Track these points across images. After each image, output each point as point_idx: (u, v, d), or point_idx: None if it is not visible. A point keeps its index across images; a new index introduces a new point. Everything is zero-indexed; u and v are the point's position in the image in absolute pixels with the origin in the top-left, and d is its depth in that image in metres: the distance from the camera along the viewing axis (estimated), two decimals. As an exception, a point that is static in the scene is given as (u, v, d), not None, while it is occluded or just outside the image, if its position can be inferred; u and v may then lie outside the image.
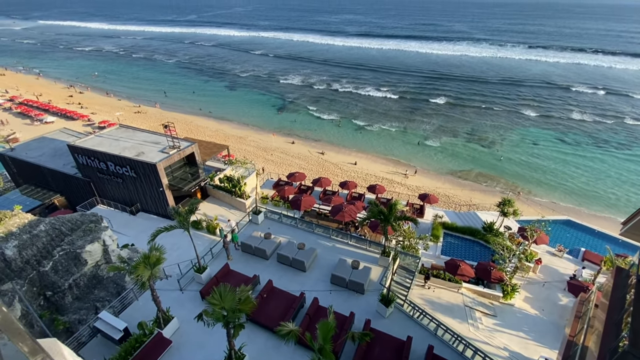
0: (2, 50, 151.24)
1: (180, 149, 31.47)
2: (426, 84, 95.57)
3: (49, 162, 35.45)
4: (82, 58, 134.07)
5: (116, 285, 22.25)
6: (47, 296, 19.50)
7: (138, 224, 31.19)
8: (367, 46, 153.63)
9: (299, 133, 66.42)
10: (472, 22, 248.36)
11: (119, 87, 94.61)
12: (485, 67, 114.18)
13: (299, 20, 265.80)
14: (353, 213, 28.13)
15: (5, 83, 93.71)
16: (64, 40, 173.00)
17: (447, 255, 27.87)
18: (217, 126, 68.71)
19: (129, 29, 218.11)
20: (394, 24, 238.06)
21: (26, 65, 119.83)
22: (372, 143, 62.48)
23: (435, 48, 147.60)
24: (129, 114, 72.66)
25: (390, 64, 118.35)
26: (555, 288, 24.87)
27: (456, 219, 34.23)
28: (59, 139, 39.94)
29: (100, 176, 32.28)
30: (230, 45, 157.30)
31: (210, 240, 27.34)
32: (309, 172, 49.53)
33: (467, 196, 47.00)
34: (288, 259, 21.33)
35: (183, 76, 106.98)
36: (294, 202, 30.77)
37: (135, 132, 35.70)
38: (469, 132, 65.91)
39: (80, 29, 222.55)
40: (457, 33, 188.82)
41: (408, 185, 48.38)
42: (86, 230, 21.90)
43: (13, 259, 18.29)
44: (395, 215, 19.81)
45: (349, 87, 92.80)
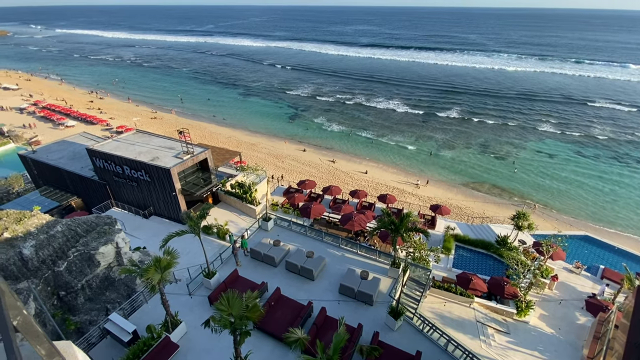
0: (30, 57, 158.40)
1: (194, 154, 32.02)
2: (439, 95, 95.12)
3: (67, 165, 36.56)
4: (103, 65, 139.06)
5: (127, 288, 22.54)
6: (60, 296, 19.88)
7: (150, 227, 31.67)
8: (381, 57, 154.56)
9: (310, 141, 66.81)
10: (487, 34, 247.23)
11: (137, 93, 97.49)
12: (499, 79, 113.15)
13: (312, 31, 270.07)
14: (363, 222, 27.91)
15: (30, 88, 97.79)
16: (86, 49, 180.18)
17: (459, 269, 27.24)
18: (230, 133, 69.78)
19: (149, 38, 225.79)
20: (408, 35, 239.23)
21: (50, 71, 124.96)
22: (383, 152, 62.26)
23: (449, 59, 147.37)
24: (146, 120, 74.59)
25: (404, 75, 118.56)
26: (573, 306, 23.93)
27: (468, 232, 33.54)
28: (79, 142, 41.22)
29: (116, 179, 33.07)
30: (245, 54, 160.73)
31: (220, 245, 27.51)
32: (319, 180, 49.58)
33: (480, 208, 46.11)
34: (296, 267, 21.24)
35: (199, 84, 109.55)
36: (303, 210, 30.76)
37: (151, 137, 36.57)
38: (483, 144, 65.01)
39: (101, 38, 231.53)
40: (472, 45, 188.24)
41: (419, 196, 47.84)
42: (100, 232, 22.36)
43: (30, 259, 18.78)
44: (406, 226, 19.56)
45: (361, 97, 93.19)
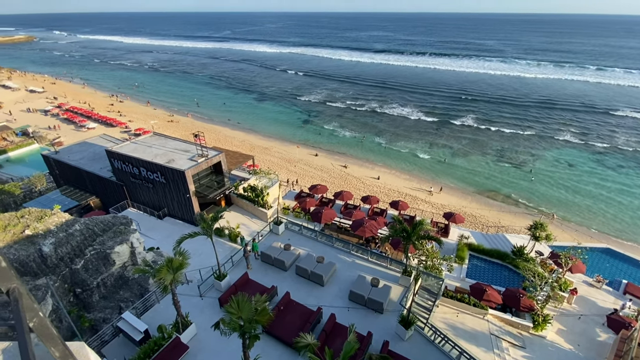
0: (55, 61, 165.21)
1: (208, 157, 32.54)
2: (454, 102, 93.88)
3: (87, 165, 37.73)
4: (124, 70, 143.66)
5: (140, 287, 22.94)
6: (76, 293, 20.40)
7: (164, 228, 32.25)
8: (395, 63, 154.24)
9: (322, 146, 66.94)
10: (505, 40, 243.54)
11: (155, 97, 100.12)
12: (517, 86, 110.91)
13: (327, 37, 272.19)
14: (374, 229, 27.66)
15: (55, 91, 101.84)
16: (108, 54, 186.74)
17: (473, 279, 26.58)
18: (244, 137, 70.67)
19: (167, 44, 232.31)
20: (423, 41, 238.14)
21: (74, 75, 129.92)
22: (396, 158, 61.74)
23: (464, 65, 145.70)
24: (163, 123, 76.42)
25: (418, 81, 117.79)
26: (593, 322, 22.94)
27: (483, 241, 32.76)
28: (98, 144, 42.53)
29: (133, 180, 33.90)
30: (260, 60, 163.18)
31: (232, 248, 27.73)
32: (331, 185, 49.51)
33: (495, 217, 45.03)
34: (307, 271, 21.17)
35: (214, 88, 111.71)
36: (314, 215, 30.73)
37: (167, 140, 37.40)
38: (498, 152, 63.68)
39: (122, 44, 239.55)
40: (488, 51, 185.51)
41: (432, 203, 47.12)
42: (116, 231, 22.90)
43: (49, 256, 19.37)
44: (418, 234, 19.26)
45: (375, 103, 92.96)
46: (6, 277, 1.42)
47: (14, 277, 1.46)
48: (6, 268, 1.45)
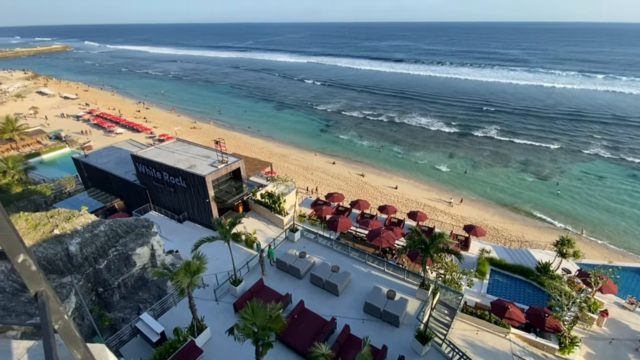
0: (87, 70, 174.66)
1: (228, 163, 33.20)
2: (476, 113, 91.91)
3: (114, 169, 39.32)
4: (150, 78, 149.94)
5: (158, 289, 23.44)
6: (98, 292, 21.07)
7: (183, 231, 32.97)
8: (415, 72, 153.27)
9: (340, 154, 66.96)
10: (530, 49, 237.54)
11: (179, 104, 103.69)
12: (542, 97, 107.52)
13: (346, 47, 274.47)
14: (391, 239, 27.20)
15: (87, 98, 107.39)
16: (136, 63, 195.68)
17: (494, 295, 25.55)
18: (263, 144, 71.78)
19: (192, 53, 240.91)
20: (444, 50, 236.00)
21: (105, 83, 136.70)
22: (415, 168, 60.84)
23: (486, 75, 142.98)
24: (186, 129, 78.84)
25: (439, 91, 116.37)
26: (625, 347, 21.45)
27: (505, 256, 31.53)
28: (125, 148, 44.29)
29: (156, 184, 34.98)
30: (280, 69, 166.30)
31: (248, 253, 27.94)
32: (347, 194, 49.28)
33: (518, 231, 43.33)
34: (321, 280, 20.99)
35: (236, 97, 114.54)
36: (330, 223, 30.60)
37: (190, 146, 38.51)
38: (522, 163, 61.58)
39: (149, 53, 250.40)
40: (513, 60, 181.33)
41: (452, 215, 45.94)
42: (138, 234, 23.59)
43: (75, 255, 20.16)
44: (437, 246, 18.77)
45: (394, 113, 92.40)
46: (36, 280, 1.48)
47: (43, 281, 1.52)
48: (36, 272, 1.50)
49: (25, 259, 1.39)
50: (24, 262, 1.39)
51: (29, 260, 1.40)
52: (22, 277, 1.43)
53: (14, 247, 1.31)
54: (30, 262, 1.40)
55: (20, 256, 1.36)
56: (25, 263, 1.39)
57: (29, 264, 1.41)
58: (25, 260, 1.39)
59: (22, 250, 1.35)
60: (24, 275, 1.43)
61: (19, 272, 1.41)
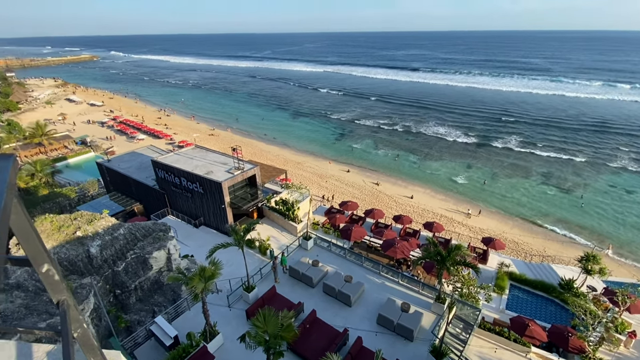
0: (113, 78, 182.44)
1: (244, 170, 33.66)
2: (495, 123, 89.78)
3: (134, 174, 40.54)
4: (172, 87, 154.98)
5: (173, 293, 23.77)
6: (116, 294, 21.56)
7: (199, 236, 33.48)
8: (432, 81, 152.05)
9: (354, 162, 66.77)
10: (552, 58, 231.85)
11: (199, 112, 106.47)
12: (565, 107, 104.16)
13: (363, 56, 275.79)
14: (406, 250, 26.72)
15: (112, 105, 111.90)
16: (158, 72, 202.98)
17: (514, 311, 24.58)
18: (278, 151, 72.53)
19: (211, 63, 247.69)
20: (463, 59, 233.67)
21: (129, 91, 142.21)
22: (431, 178, 59.86)
23: (506, 84, 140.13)
24: (204, 136, 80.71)
25: (456, 101, 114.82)
26: (658, 373, 20.10)
27: (526, 270, 30.36)
28: (146, 154, 45.68)
29: (174, 189, 35.81)
30: (297, 78, 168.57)
31: (261, 260, 28.04)
32: (361, 202, 48.88)
33: (539, 245, 41.72)
34: (334, 290, 20.78)
35: (253, 105, 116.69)
36: (344, 232, 30.40)
37: (208, 152, 39.34)
38: (544, 175, 59.58)
39: (171, 63, 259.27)
40: (534, 69, 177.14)
41: (470, 226, 44.76)
42: (155, 237, 24.10)
43: (95, 257, 20.77)
44: (454, 259, 18.29)
45: (410, 122, 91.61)
46: (58, 290, 1.53)
47: (65, 290, 1.57)
48: (59, 281, 1.55)
49: (49, 268, 1.43)
50: (47, 272, 1.44)
51: (53, 270, 1.45)
52: (46, 285, 1.48)
53: (39, 256, 1.36)
54: (54, 272, 1.45)
55: (44, 266, 1.41)
56: (49, 272, 1.44)
57: (52, 274, 1.46)
58: (49, 270, 1.44)
59: (46, 260, 1.40)
60: (47, 284, 1.49)
61: (43, 281, 1.47)
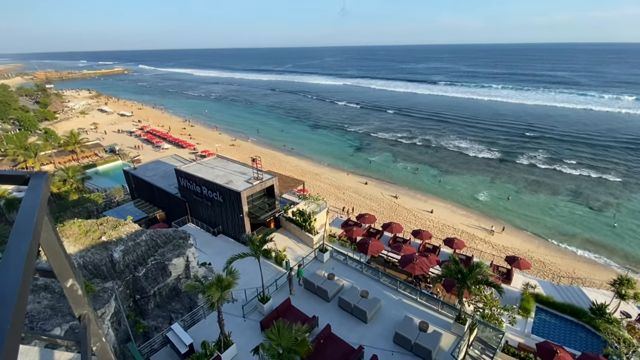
0: (142, 90, 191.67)
1: (263, 180, 34.13)
2: (519, 138, 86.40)
3: (158, 182, 41.94)
4: (196, 98, 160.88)
5: (190, 301, 24.06)
6: (135, 299, 22.06)
7: (217, 245, 33.96)
8: (453, 95, 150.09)
9: (372, 175, 66.29)
10: (580, 71, 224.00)
11: (221, 123, 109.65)
12: (595, 122, 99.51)
13: (383, 69, 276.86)
14: (425, 266, 25.98)
15: (140, 115, 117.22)
16: (184, 85, 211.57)
17: (540, 336, 23.21)
18: (297, 162, 73.21)
19: (234, 76, 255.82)
20: (485, 73, 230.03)
21: (157, 102, 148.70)
22: (452, 192, 58.38)
23: (531, 98, 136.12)
24: (226, 146, 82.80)
25: (478, 114, 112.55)
26: None
27: (553, 292, 28.74)
28: (170, 163, 47.26)
29: (195, 198, 36.71)
30: (316, 91, 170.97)
31: (277, 271, 28.02)
32: (379, 215, 48.23)
33: (568, 266, 39.50)
34: (350, 305, 20.37)
35: (273, 116, 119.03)
36: (361, 245, 29.99)
37: (228, 162, 40.26)
38: (572, 193, 56.84)
39: (195, 76, 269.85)
40: (560, 83, 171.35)
41: (493, 244, 43.09)
42: (175, 245, 24.64)
43: (118, 262, 21.43)
44: (475, 277, 17.58)
45: (430, 135, 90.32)
46: (80, 304, 1.58)
47: (87, 305, 1.62)
48: (81, 296, 1.61)
49: (73, 283, 1.49)
50: (72, 287, 1.50)
51: (77, 285, 1.51)
52: (69, 299, 1.54)
53: (65, 272, 1.42)
54: (78, 287, 1.51)
55: (69, 281, 1.47)
56: (73, 287, 1.50)
57: (76, 288, 1.51)
58: (73, 285, 1.50)
59: (71, 276, 1.46)
60: (70, 298, 1.55)
61: (67, 295, 1.53)
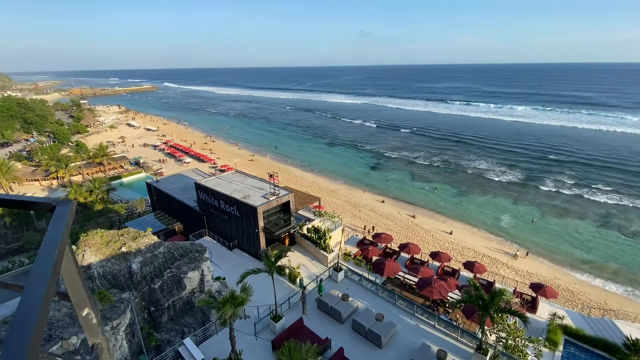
0: (167, 107, 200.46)
1: (279, 196, 34.35)
2: (542, 161, 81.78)
3: (178, 195, 43.01)
4: (218, 115, 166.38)
5: (203, 315, 24.03)
6: (150, 311, 22.24)
7: (232, 259, 34.09)
8: (473, 114, 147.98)
9: (389, 193, 65.42)
10: (609, 92, 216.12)
11: (241, 139, 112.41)
12: (628, 145, 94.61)
13: (401, 88, 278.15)
14: (444, 291, 24.98)
15: (165, 130, 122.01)
16: (208, 102, 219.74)
17: (570, 373, 21.53)
18: (313, 178, 73.49)
19: (255, 94, 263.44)
20: (507, 92, 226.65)
21: (182, 118, 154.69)
22: (473, 213, 56.57)
23: (556, 118, 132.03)
24: (245, 161, 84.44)
25: (499, 134, 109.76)
26: None
27: (583, 324, 26.80)
28: (190, 177, 48.53)
29: (213, 212, 37.30)
30: (335, 109, 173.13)
31: (290, 289, 27.68)
32: (396, 235, 47.20)
33: (600, 296, 36.95)
34: (364, 328, 19.72)
35: (292, 133, 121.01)
36: (376, 266, 29.29)
37: (246, 177, 40.92)
38: (603, 217, 53.90)
39: (217, 94, 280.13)
40: (586, 104, 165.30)
41: (516, 269, 41.08)
42: (192, 258, 24.92)
43: (135, 273, 21.82)
44: (498, 305, 16.70)
45: (448, 156, 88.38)
46: (95, 333, 1.60)
47: (100, 333, 1.63)
48: (96, 325, 1.62)
49: (89, 312, 1.52)
50: (87, 315, 1.52)
51: (92, 314, 1.53)
52: (84, 327, 1.56)
53: (82, 301, 1.45)
54: (93, 316, 1.53)
55: (85, 310, 1.49)
56: (88, 316, 1.53)
57: (91, 317, 1.53)
58: (88, 314, 1.52)
59: (87, 305, 1.49)
60: (85, 327, 1.56)
61: (82, 323, 1.55)
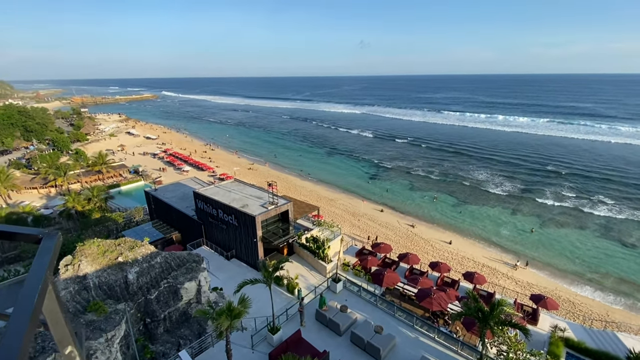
0: (167, 115, 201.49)
1: (277, 205, 34.23)
2: (540, 172, 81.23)
3: (176, 203, 42.82)
4: (218, 123, 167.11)
5: (199, 327, 23.64)
6: (146, 323, 21.88)
7: (230, 269, 33.75)
8: (471, 125, 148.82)
9: (389, 202, 65.31)
10: (606, 102, 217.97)
11: (240, 147, 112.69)
12: (627, 156, 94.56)
13: (400, 98, 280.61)
14: (444, 302, 24.71)
15: (165, 138, 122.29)
16: (207, 111, 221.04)
17: (572, 387, 21.15)
18: (312, 187, 73.42)
19: (253, 103, 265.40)
20: (505, 103, 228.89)
21: (181, 126, 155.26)
22: (473, 223, 56.38)
23: (554, 129, 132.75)
24: (244, 170, 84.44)
25: (497, 145, 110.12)
26: None
27: (585, 337, 26.48)
28: (189, 185, 48.41)
29: (211, 220, 37.10)
30: (334, 119, 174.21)
31: (288, 299, 27.35)
32: (395, 245, 46.94)
33: (601, 308, 36.61)
34: (362, 341, 19.43)
35: (291, 142, 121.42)
36: (375, 276, 29.04)
37: (245, 186, 40.84)
38: (603, 226, 53.82)
39: (216, 102, 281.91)
40: (583, 115, 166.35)
41: (517, 280, 40.77)
42: (189, 268, 24.64)
43: (131, 283, 21.54)
44: (498, 317, 16.50)
45: (447, 165, 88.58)
46: None
47: None
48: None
49: (72, 350, 1.47)
50: (70, 354, 1.48)
51: (75, 352, 1.49)
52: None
53: (65, 339, 1.41)
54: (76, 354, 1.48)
55: (68, 347, 1.45)
56: (71, 354, 1.48)
57: (74, 355, 1.49)
58: (71, 352, 1.48)
59: (70, 343, 1.45)
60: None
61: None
